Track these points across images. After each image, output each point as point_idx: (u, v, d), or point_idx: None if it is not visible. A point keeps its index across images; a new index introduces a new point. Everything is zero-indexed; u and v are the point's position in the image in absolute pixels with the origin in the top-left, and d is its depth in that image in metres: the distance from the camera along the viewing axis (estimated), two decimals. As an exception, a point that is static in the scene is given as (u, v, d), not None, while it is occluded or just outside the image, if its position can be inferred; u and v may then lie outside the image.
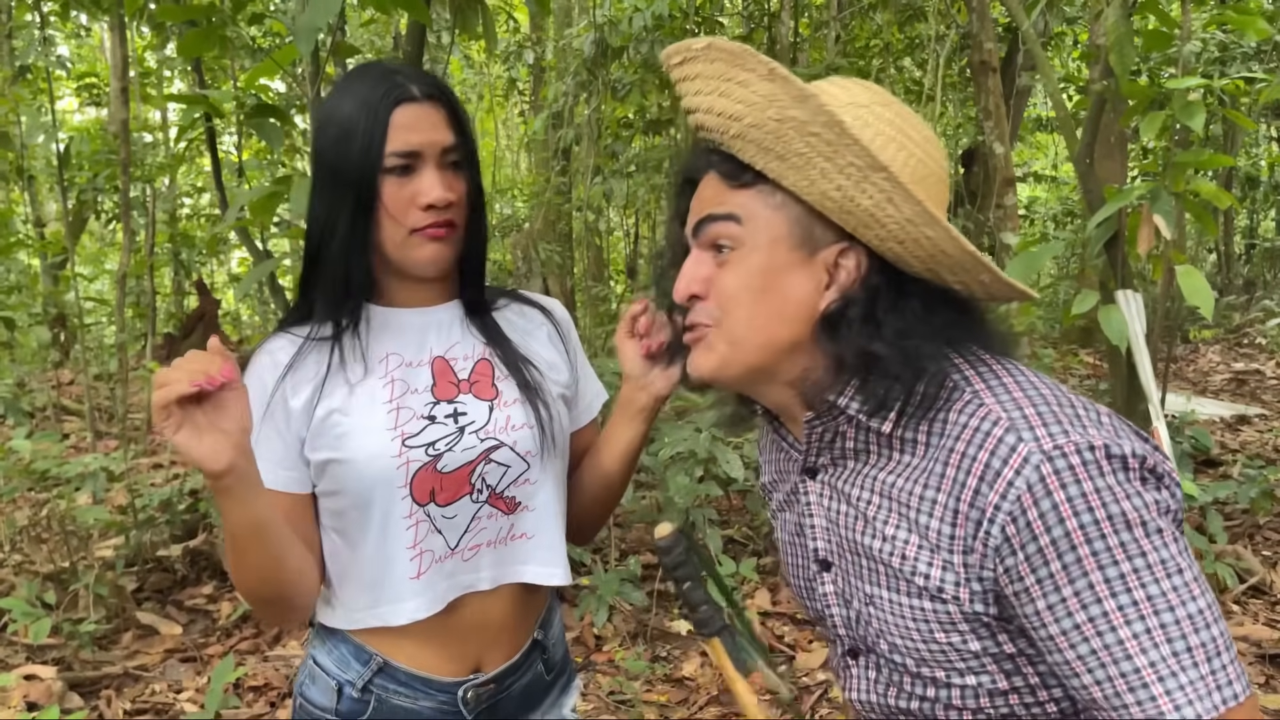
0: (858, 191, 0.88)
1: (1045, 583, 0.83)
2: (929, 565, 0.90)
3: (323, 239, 1.19)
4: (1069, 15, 8.92)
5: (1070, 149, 4.15)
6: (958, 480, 0.88)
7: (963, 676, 0.93)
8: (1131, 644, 0.80)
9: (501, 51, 9.32)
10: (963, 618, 0.90)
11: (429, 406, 1.21)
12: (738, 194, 0.95)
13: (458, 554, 1.21)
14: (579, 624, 3.34)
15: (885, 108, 0.95)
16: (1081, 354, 7.62)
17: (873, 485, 0.96)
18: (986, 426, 0.87)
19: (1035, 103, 11.67)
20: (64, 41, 11.58)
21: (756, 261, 0.94)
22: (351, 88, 1.18)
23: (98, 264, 13.41)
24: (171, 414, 0.95)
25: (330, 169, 1.17)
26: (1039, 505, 0.82)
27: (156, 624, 3.49)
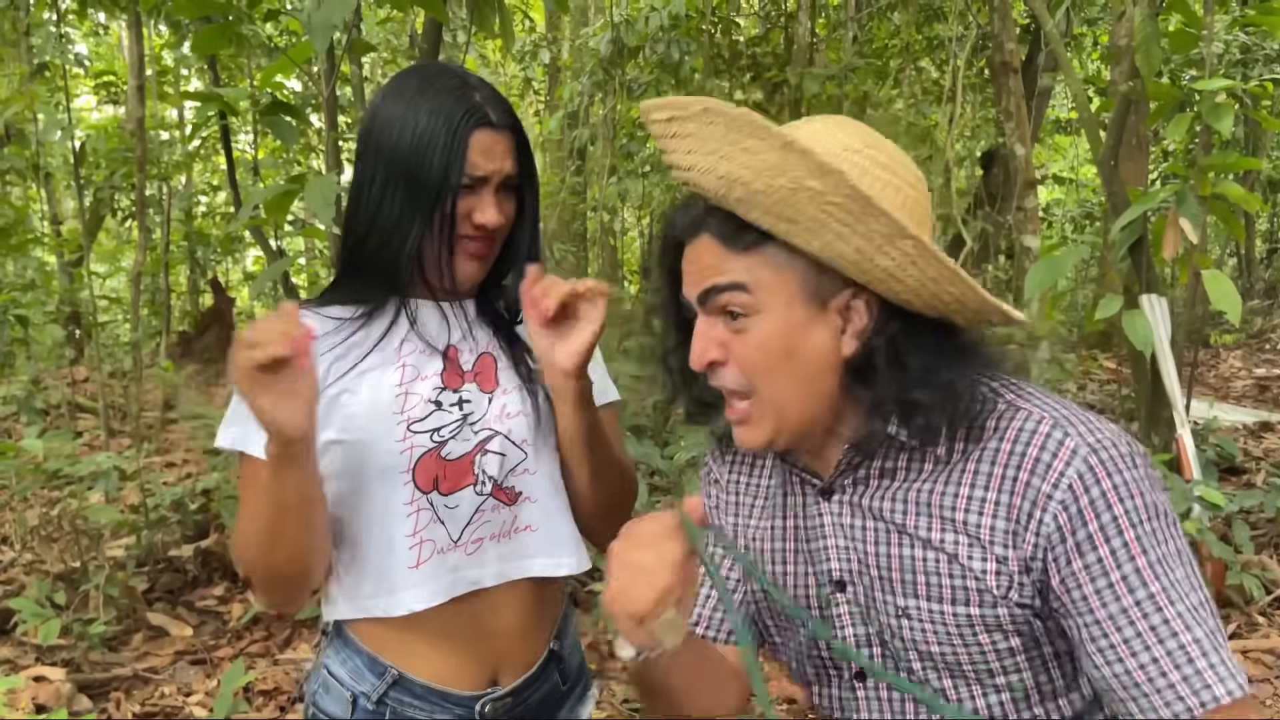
0: (878, 254, 0.88)
1: (1094, 567, 0.88)
2: (983, 562, 0.93)
3: (385, 231, 1.20)
4: (1091, 16, 8.84)
5: (1094, 150, 4.09)
6: (1007, 476, 0.92)
7: (995, 679, 0.96)
8: (1176, 622, 0.86)
9: (517, 51, 9.31)
10: (1009, 617, 0.93)
11: (436, 392, 1.21)
12: (740, 258, 0.94)
13: (461, 547, 1.20)
14: (593, 630, 3.30)
15: (877, 150, 0.95)
16: (1103, 359, 7.54)
17: (906, 497, 0.97)
18: (1032, 425, 0.92)
19: (1054, 104, 11.58)
20: (82, 39, 11.63)
21: (773, 326, 0.94)
22: (427, 95, 1.19)
23: (114, 262, 13.46)
24: (256, 378, 0.96)
25: (404, 172, 1.19)
26: (1089, 493, 0.88)
27: (167, 625, 3.47)
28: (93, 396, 6.69)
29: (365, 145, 1.23)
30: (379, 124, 1.21)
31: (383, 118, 1.21)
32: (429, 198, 1.18)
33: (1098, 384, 7.08)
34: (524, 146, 1.26)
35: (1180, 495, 3.36)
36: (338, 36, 2.91)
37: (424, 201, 1.19)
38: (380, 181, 1.21)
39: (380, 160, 1.21)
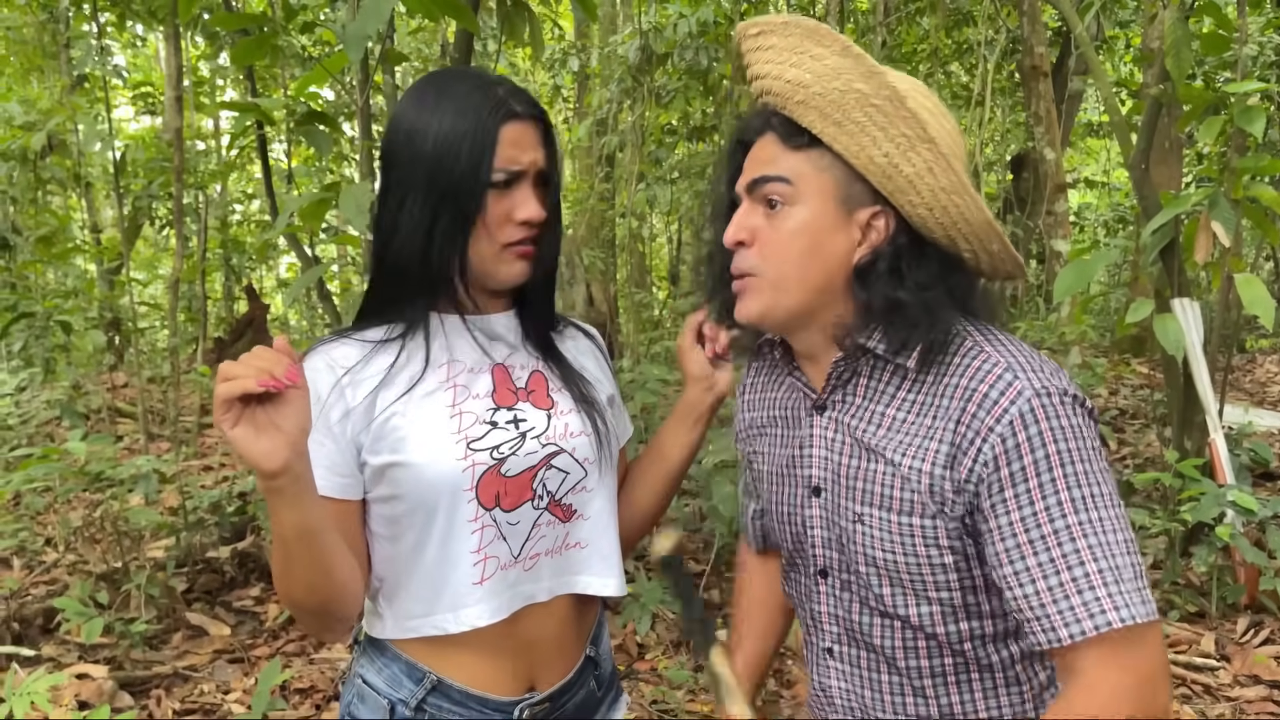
0: (902, 159, 1.01)
1: (1021, 496, 0.97)
2: (926, 479, 1.03)
3: (417, 243, 1.18)
4: (1122, 19, 8.77)
5: (1125, 154, 4.07)
6: (956, 406, 1.02)
7: (928, 591, 1.06)
8: (1085, 553, 0.94)
9: (547, 59, 9.37)
10: (945, 532, 1.03)
11: (490, 412, 1.20)
12: (791, 156, 1.08)
13: (520, 563, 1.20)
14: (622, 632, 3.33)
15: (926, 97, 1.07)
16: (1134, 363, 7.47)
17: (878, 420, 1.09)
18: (988, 366, 1.02)
19: (1086, 107, 11.49)
20: (120, 51, 11.84)
21: (802, 218, 1.07)
22: (448, 96, 1.17)
23: (151, 269, 13.68)
24: (231, 409, 0.94)
25: (429, 177, 1.16)
26: (1028, 429, 0.97)
27: (205, 624, 3.53)
28: (132, 401, 6.81)
29: (389, 157, 1.20)
30: (402, 133, 1.19)
31: (405, 127, 1.19)
32: (460, 199, 1.16)
33: (1130, 389, 7.01)
34: (551, 139, 1.23)
35: (1213, 500, 3.34)
36: (371, 46, 2.97)
37: (454, 204, 1.16)
38: (408, 191, 1.18)
39: (406, 169, 1.18)
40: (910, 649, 1.11)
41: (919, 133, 1.00)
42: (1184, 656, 3.20)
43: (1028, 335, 5.53)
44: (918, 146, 1.01)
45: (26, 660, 3.10)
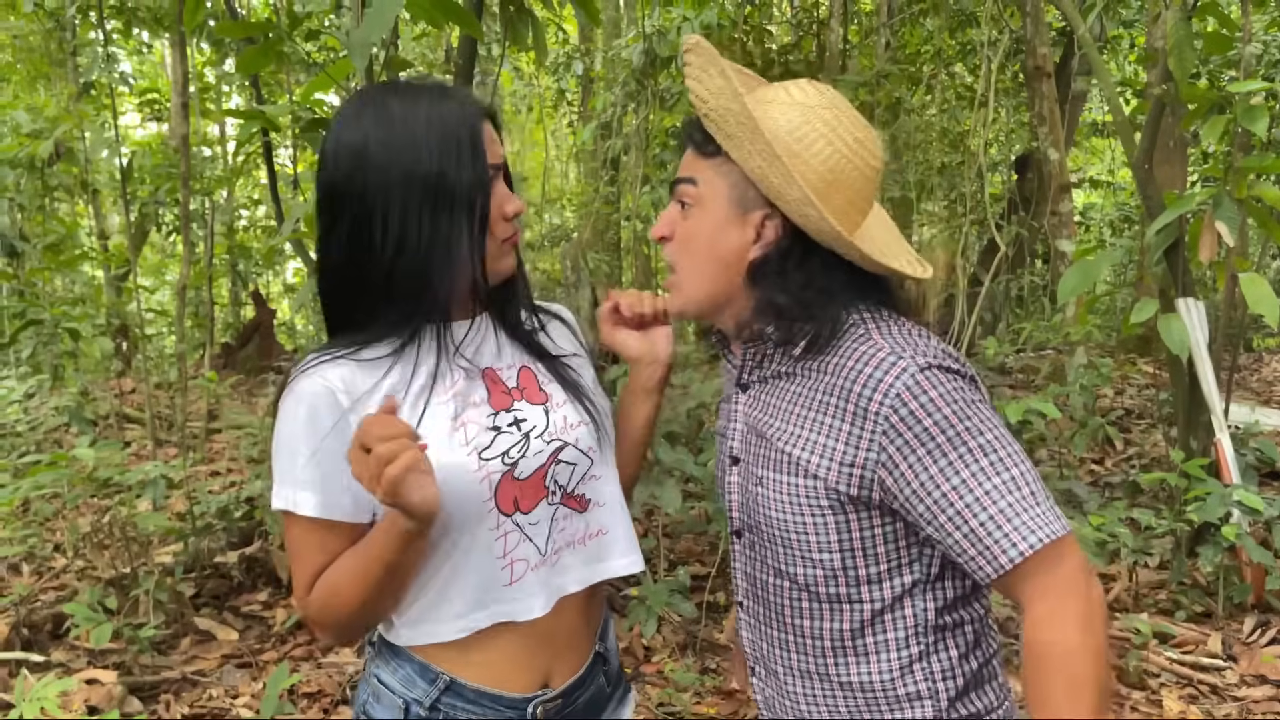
0: (770, 171, 1.13)
1: (930, 456, 1.07)
2: (809, 451, 1.15)
3: (421, 256, 1.17)
4: (1125, 18, 8.76)
5: (1128, 154, 4.07)
6: (844, 387, 1.13)
7: (811, 553, 1.18)
8: (985, 499, 1.05)
9: (551, 63, 9.39)
10: (824, 494, 1.14)
11: (491, 417, 1.22)
12: (701, 162, 1.22)
13: (549, 559, 1.23)
14: (628, 635, 3.34)
15: (827, 110, 1.18)
16: (1140, 363, 7.46)
17: (786, 396, 1.21)
18: (872, 350, 1.13)
19: (1091, 107, 11.47)
20: (127, 58, 11.89)
21: (706, 219, 1.21)
22: (420, 107, 1.17)
23: (158, 275, 13.73)
24: (402, 483, 1.00)
25: (434, 188, 1.15)
26: (918, 399, 1.07)
27: (214, 629, 3.55)
28: (140, 407, 6.83)
29: (356, 184, 1.17)
30: (373, 157, 1.16)
31: (378, 149, 1.16)
32: (467, 201, 1.17)
33: (1136, 389, 7.00)
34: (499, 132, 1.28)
35: (1219, 500, 3.34)
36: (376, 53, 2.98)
37: (462, 207, 1.17)
38: (399, 207, 1.16)
39: (393, 187, 1.16)
40: (797, 608, 1.22)
41: (769, 149, 1.12)
42: (1191, 656, 3.19)
43: (1033, 336, 5.53)
44: (774, 163, 1.12)
45: (36, 666, 3.12)
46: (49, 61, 10.32)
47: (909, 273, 1.21)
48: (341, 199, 1.18)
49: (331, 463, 1.14)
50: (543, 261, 11.22)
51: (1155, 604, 3.62)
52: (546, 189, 12.49)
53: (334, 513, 1.16)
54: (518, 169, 13.82)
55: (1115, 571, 3.80)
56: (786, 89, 1.20)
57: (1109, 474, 5.01)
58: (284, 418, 1.17)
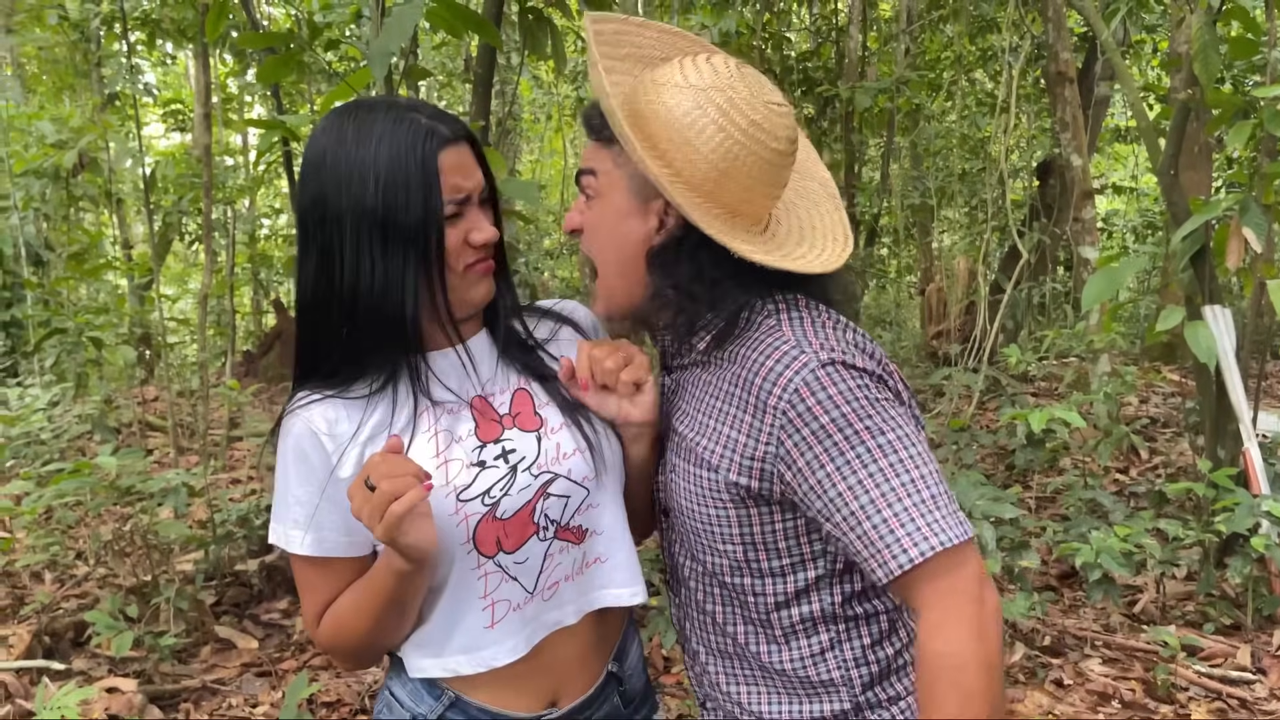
0: (651, 169, 1.09)
1: (827, 453, 1.04)
2: (712, 442, 1.13)
3: (376, 293, 1.12)
4: (1148, 23, 8.69)
5: (1153, 159, 4.02)
6: (747, 380, 1.10)
7: (716, 543, 1.16)
8: (880, 501, 1.02)
9: (570, 71, 9.41)
10: (725, 488, 1.12)
11: (476, 451, 1.17)
12: (599, 150, 1.19)
13: (538, 595, 1.19)
14: (647, 645, 3.32)
15: (719, 93, 1.11)
16: (1165, 371, 7.38)
17: (700, 385, 1.19)
18: (776, 342, 1.10)
19: (1114, 113, 11.38)
20: (151, 69, 12.01)
21: (607, 208, 1.18)
22: (372, 133, 1.11)
23: (181, 284, 13.84)
24: (399, 524, 1.00)
25: (382, 226, 1.10)
26: (815, 395, 1.04)
27: (234, 638, 3.56)
28: (162, 415, 6.88)
29: (317, 212, 1.12)
30: (328, 184, 1.11)
31: (331, 176, 1.11)
32: (416, 238, 1.11)
33: (1161, 397, 6.92)
34: (482, 155, 1.19)
35: (1248, 510, 3.29)
36: (395, 63, 2.99)
37: (411, 244, 1.11)
38: (352, 241, 1.11)
39: (345, 219, 1.11)
40: (709, 593, 1.21)
41: (637, 154, 1.09)
42: (1219, 670, 3.14)
43: (1056, 344, 5.48)
44: (647, 163, 1.09)
45: (57, 674, 3.13)
46: (74, 73, 10.44)
47: (800, 268, 1.13)
48: (305, 225, 1.15)
49: (319, 502, 1.14)
50: (561, 270, 11.23)
51: (1183, 616, 3.57)
52: (565, 197, 12.52)
53: (327, 549, 1.15)
54: (537, 176, 13.85)
55: (1142, 583, 3.75)
56: (683, 68, 1.13)
57: (1134, 483, 4.95)
58: (278, 455, 1.18)
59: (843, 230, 1.23)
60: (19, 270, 7.69)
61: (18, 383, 6.63)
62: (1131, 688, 3.06)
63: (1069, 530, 3.62)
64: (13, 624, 3.47)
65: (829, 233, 1.22)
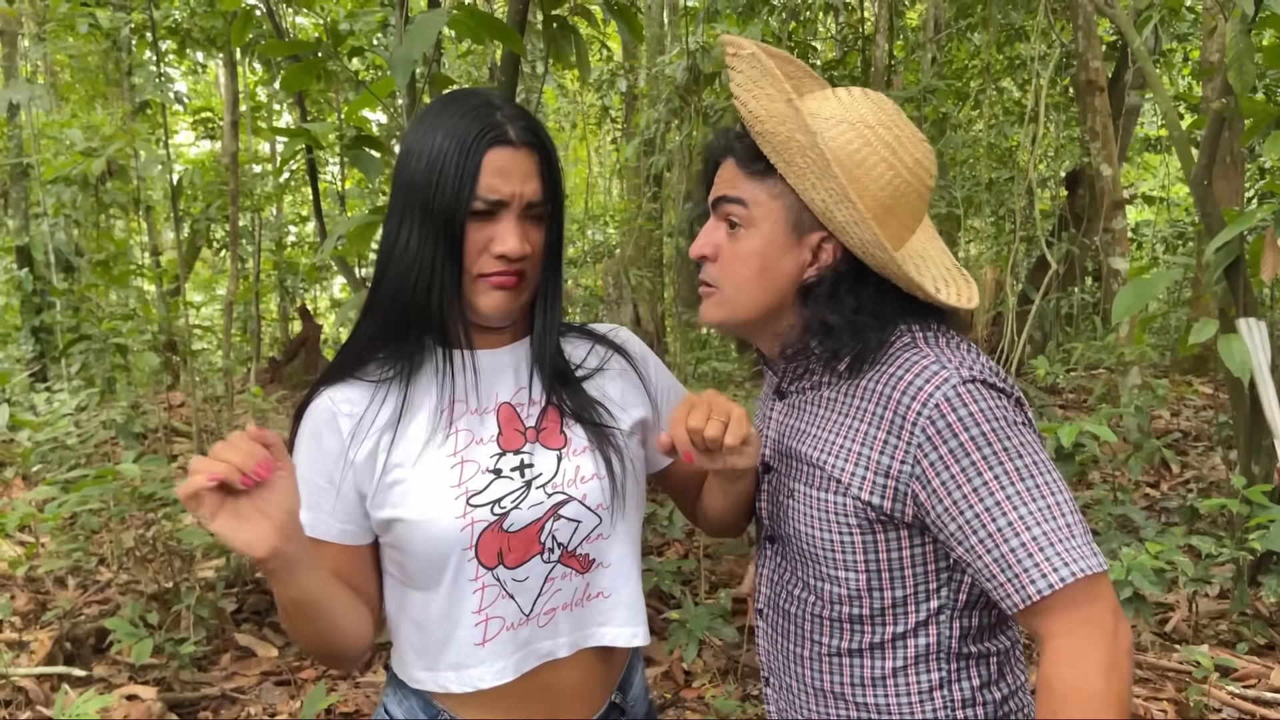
0: (835, 208, 1.09)
1: (966, 471, 1.02)
2: (843, 460, 1.11)
3: (409, 272, 1.12)
4: (1179, 32, 8.59)
5: (1186, 169, 3.96)
6: (884, 394, 1.09)
7: (836, 570, 1.14)
8: (1019, 524, 1.00)
9: (595, 80, 9.42)
10: (854, 510, 1.10)
11: (495, 459, 1.15)
12: (748, 181, 1.16)
13: (533, 619, 1.15)
14: (668, 659, 3.28)
15: (886, 130, 1.12)
16: (1196, 383, 7.26)
17: (824, 405, 1.18)
18: (916, 358, 1.09)
19: (1143, 122, 11.26)
20: (182, 78, 12.14)
21: (757, 242, 1.16)
22: (446, 116, 1.12)
23: (209, 290, 13.96)
24: (204, 502, 0.93)
25: (420, 202, 1.11)
26: (957, 411, 1.03)
27: (254, 645, 3.55)
28: (188, 421, 6.92)
29: (395, 180, 1.16)
30: (403, 155, 1.14)
31: (406, 148, 1.14)
32: (441, 226, 1.10)
33: (1192, 410, 6.81)
34: (552, 168, 1.16)
35: (1283, 528, 3.21)
36: (421, 72, 2.98)
37: (438, 231, 1.10)
38: (400, 215, 1.13)
39: (404, 193, 1.13)
40: (818, 623, 1.18)
41: (842, 192, 1.07)
42: (1253, 691, 3.07)
43: (1084, 356, 5.40)
44: (843, 203, 1.07)
45: (77, 680, 3.14)
46: (106, 81, 10.57)
47: (953, 303, 1.16)
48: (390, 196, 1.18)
49: (320, 483, 1.13)
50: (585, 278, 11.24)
51: (1216, 635, 3.49)
52: (590, 205, 12.52)
53: (320, 532, 1.14)
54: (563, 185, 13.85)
55: (1174, 601, 3.67)
56: (839, 100, 1.13)
57: (1165, 498, 4.87)
58: (298, 436, 1.17)
59: (952, 260, 1.24)
60: (49, 276, 7.77)
61: (46, 387, 6.70)
62: (1164, 709, 2.99)
63: (1099, 546, 3.55)
64: (35, 629, 3.49)
65: (941, 260, 1.23)
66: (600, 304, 8.78)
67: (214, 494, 0.93)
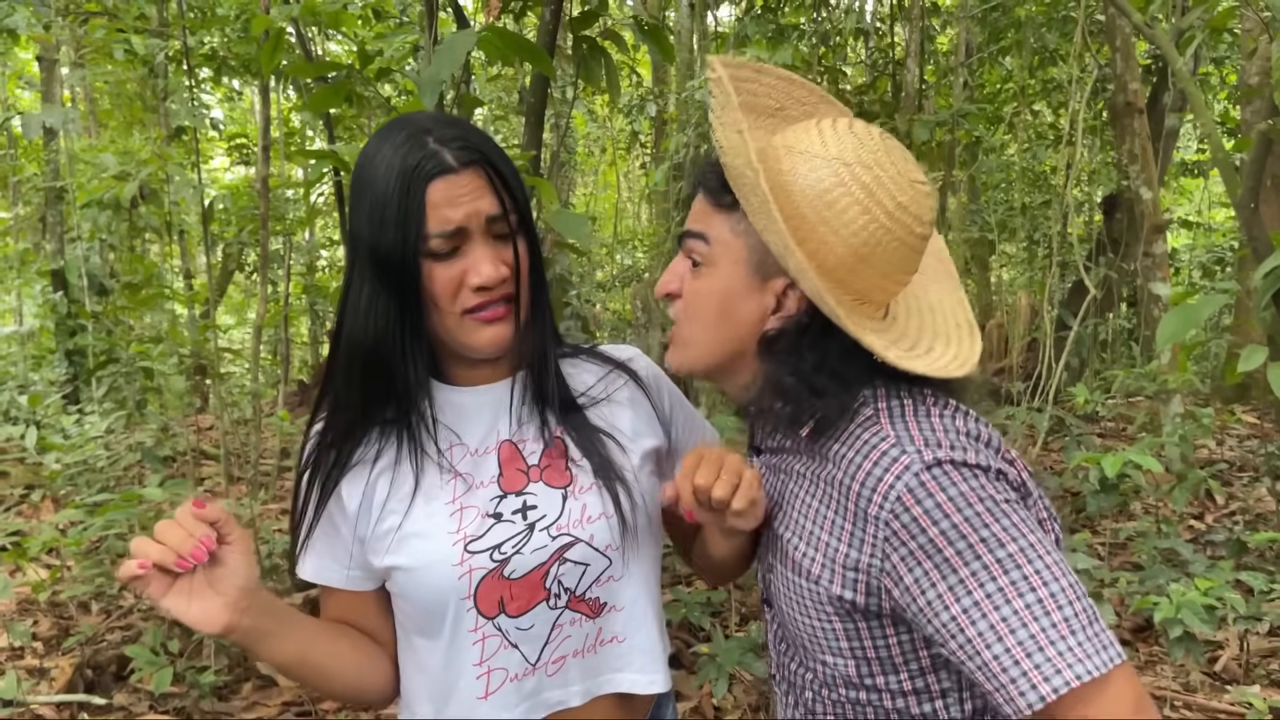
0: (785, 253, 0.98)
1: (939, 569, 0.90)
2: (812, 548, 1.01)
3: (368, 326, 1.05)
4: (1216, 55, 8.46)
5: (1230, 193, 3.85)
6: (845, 485, 0.98)
7: (825, 655, 1.04)
8: (1000, 627, 0.87)
9: (624, 105, 9.43)
10: (828, 600, 1.00)
11: (495, 502, 1.08)
12: (715, 214, 1.07)
13: (540, 669, 1.08)
14: (697, 694, 3.19)
15: (865, 169, 0.99)
16: (1238, 412, 7.09)
17: (794, 478, 1.07)
18: (875, 440, 0.97)
19: (1179, 146, 11.10)
20: (219, 105, 12.31)
21: (718, 282, 1.06)
22: (382, 155, 1.03)
23: (241, 314, 14.08)
24: (147, 584, 0.90)
25: (368, 248, 1.03)
26: (922, 504, 0.91)
27: (275, 675, 3.49)
28: (216, 444, 6.93)
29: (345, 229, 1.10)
30: (351, 202, 1.07)
31: (352, 192, 1.06)
32: (396, 273, 1.02)
33: (1236, 439, 6.64)
34: (505, 179, 1.06)
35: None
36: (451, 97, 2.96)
37: (392, 279, 1.02)
38: (353, 265, 1.06)
39: (350, 243, 1.06)
40: (819, 698, 1.09)
41: (784, 245, 0.97)
42: (1311, 736, 2.94)
43: (1125, 384, 5.28)
44: (792, 249, 0.97)
45: (98, 709, 3.10)
46: (144, 108, 10.72)
47: (933, 370, 1.01)
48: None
49: (325, 527, 1.11)
50: (613, 302, 11.21)
51: (1268, 675, 3.36)
52: (619, 230, 12.52)
53: (325, 578, 1.12)
54: (591, 209, 13.90)
55: (1223, 638, 3.54)
56: (823, 135, 1.01)
57: (1211, 530, 4.72)
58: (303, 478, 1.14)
59: (965, 317, 1.12)
60: (84, 300, 7.84)
61: (78, 409, 6.73)
62: (1215, 754, 2.87)
63: (1144, 581, 3.43)
64: (56, 656, 3.45)
65: (950, 316, 1.11)
66: (629, 328, 8.74)
67: (159, 574, 0.90)
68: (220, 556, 0.94)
